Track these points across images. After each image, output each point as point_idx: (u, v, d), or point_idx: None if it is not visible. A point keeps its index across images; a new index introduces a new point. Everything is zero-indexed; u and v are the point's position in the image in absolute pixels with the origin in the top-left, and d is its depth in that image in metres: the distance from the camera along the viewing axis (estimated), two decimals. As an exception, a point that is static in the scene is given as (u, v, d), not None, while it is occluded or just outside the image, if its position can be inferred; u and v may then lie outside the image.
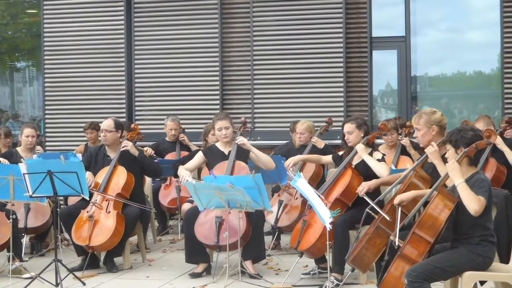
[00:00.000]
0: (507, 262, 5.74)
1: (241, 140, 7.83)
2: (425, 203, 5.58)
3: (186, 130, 10.80)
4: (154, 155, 9.69)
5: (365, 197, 6.67)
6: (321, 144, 9.16)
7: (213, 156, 7.99)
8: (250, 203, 6.94)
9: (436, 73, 12.70)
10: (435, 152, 6.02)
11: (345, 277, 7.02)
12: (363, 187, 6.86)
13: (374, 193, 6.86)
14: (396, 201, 5.79)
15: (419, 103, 12.36)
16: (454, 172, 5.30)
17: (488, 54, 12.21)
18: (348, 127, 7.37)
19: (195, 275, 7.60)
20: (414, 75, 12.24)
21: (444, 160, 5.69)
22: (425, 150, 6.19)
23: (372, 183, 6.91)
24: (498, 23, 11.59)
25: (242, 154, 7.93)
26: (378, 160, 7.14)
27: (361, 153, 7.16)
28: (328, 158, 7.80)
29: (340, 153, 7.66)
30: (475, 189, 5.21)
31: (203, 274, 7.64)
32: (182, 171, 7.73)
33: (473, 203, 5.14)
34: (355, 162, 7.32)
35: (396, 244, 5.39)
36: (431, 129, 6.42)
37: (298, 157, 7.80)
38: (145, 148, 9.25)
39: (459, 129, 5.53)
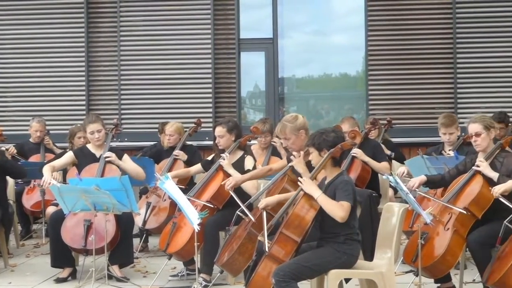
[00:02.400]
0: (371, 259, 5.87)
1: (108, 155, 7.63)
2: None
3: (51, 132, 10.51)
4: (17, 155, 9.37)
5: (234, 197, 6.68)
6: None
7: (84, 158, 7.77)
8: (116, 206, 6.81)
9: (303, 75, 12.86)
10: (299, 162, 6.10)
11: (214, 278, 7.00)
12: (230, 182, 6.84)
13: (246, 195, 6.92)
14: (261, 205, 5.79)
15: (287, 105, 12.51)
16: (309, 188, 5.37)
17: (353, 56, 12.49)
18: (219, 130, 7.36)
19: (60, 280, 7.40)
20: (281, 76, 12.37)
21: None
22: (292, 162, 6.27)
23: (239, 179, 6.91)
24: (362, 26, 11.89)
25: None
26: (249, 170, 7.16)
27: (227, 169, 7.17)
28: (197, 167, 7.75)
29: (210, 157, 7.64)
30: (339, 192, 5.28)
31: (69, 279, 7.45)
32: (45, 174, 7.47)
33: (336, 211, 5.22)
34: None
35: (266, 246, 5.38)
36: (299, 134, 6.49)
37: (173, 173, 7.66)
38: (8, 147, 8.94)
39: (321, 132, 5.56)
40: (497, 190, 5.71)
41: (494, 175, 6.10)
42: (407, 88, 11.81)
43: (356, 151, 7.95)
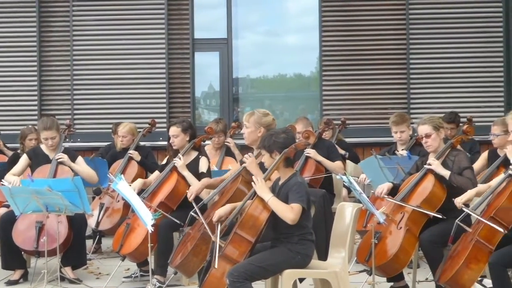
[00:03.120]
0: (325, 259, 5.89)
1: (60, 157, 7.53)
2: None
3: (1, 132, 10.35)
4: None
5: (193, 203, 6.66)
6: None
7: (37, 159, 7.66)
8: (69, 207, 6.73)
9: (257, 75, 12.87)
10: (251, 163, 6.10)
11: (168, 279, 6.97)
12: (191, 193, 6.81)
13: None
14: (214, 218, 5.70)
15: (241, 105, 12.51)
16: (261, 190, 5.38)
17: (307, 57, 12.53)
18: (174, 130, 7.32)
19: (11, 283, 7.30)
20: (236, 77, 12.36)
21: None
22: (245, 164, 6.27)
23: (199, 188, 6.89)
24: (316, 26, 11.93)
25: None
26: (203, 173, 7.13)
27: (181, 170, 7.14)
28: (156, 175, 7.66)
29: (165, 160, 7.59)
30: (292, 194, 5.29)
31: (20, 281, 7.36)
32: (9, 177, 7.37)
33: (287, 213, 5.23)
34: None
35: (216, 263, 5.34)
36: (258, 130, 6.52)
37: (138, 182, 7.59)
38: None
39: (271, 134, 5.56)
40: (460, 200, 5.74)
41: (446, 173, 6.18)
42: (361, 89, 11.88)
43: (310, 151, 7.98)
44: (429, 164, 6.31)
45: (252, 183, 5.48)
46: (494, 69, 11.84)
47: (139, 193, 6.93)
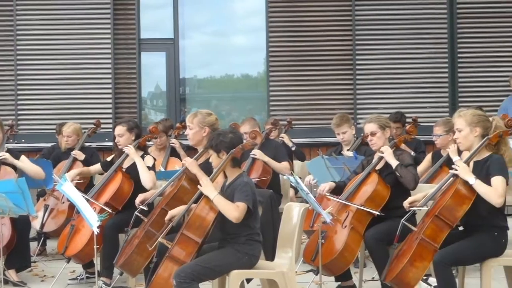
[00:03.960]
0: (272, 259, 5.90)
1: (1, 155, 7.40)
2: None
3: None
4: None
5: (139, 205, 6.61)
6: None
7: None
8: (13, 209, 6.61)
9: (205, 76, 12.85)
10: (192, 165, 6.09)
11: (114, 281, 6.90)
12: (139, 198, 6.75)
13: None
14: (167, 218, 5.68)
15: (188, 105, 12.47)
16: (206, 188, 5.37)
17: (254, 57, 12.56)
18: (119, 129, 7.25)
19: (-47, 287, 7.16)
20: (183, 77, 12.33)
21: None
22: (186, 164, 6.25)
23: (149, 194, 6.83)
24: (263, 27, 11.95)
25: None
26: (149, 167, 7.07)
27: (133, 155, 7.07)
28: (97, 167, 7.61)
29: (110, 157, 7.51)
30: (237, 193, 5.29)
31: (-38, 285, 7.22)
32: None
33: (231, 212, 5.22)
34: (126, 165, 7.21)
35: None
36: (203, 130, 6.54)
37: (74, 171, 7.52)
38: None
39: (218, 133, 5.57)
40: (407, 202, 5.82)
41: (394, 162, 6.29)
42: (308, 89, 11.94)
43: (256, 152, 7.97)
44: (382, 152, 6.39)
45: (199, 186, 5.47)
46: (439, 70, 12.01)
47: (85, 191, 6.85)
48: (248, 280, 6.22)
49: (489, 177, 5.35)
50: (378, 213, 6.16)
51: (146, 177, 6.94)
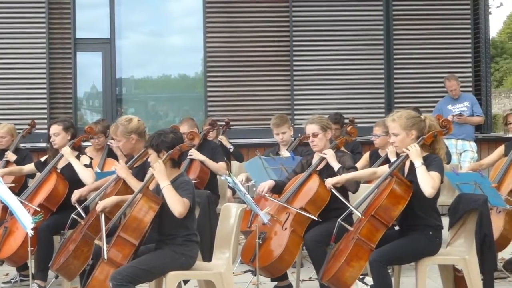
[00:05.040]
0: (209, 260, 5.87)
1: None
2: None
3: None
4: None
5: (76, 205, 6.51)
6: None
7: None
8: None
9: (141, 76, 12.78)
10: (121, 169, 6.04)
11: (49, 284, 6.80)
12: (75, 195, 6.66)
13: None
14: (98, 207, 5.66)
15: (125, 106, 12.37)
16: (160, 175, 5.32)
17: (191, 58, 12.53)
18: (55, 128, 7.14)
19: None
20: (119, 77, 12.24)
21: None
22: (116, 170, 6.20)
23: (84, 190, 6.74)
24: (200, 27, 11.93)
25: None
26: (86, 165, 6.98)
27: (68, 156, 6.96)
28: (30, 167, 7.48)
29: (44, 158, 7.39)
30: (180, 191, 5.26)
31: None
32: None
33: (178, 205, 5.18)
34: (60, 165, 7.10)
35: (105, 252, 5.25)
36: (130, 138, 6.53)
37: (6, 170, 7.41)
38: None
39: (159, 133, 5.54)
40: (330, 181, 5.89)
41: (336, 165, 6.33)
42: (246, 90, 11.96)
43: (192, 152, 7.93)
44: (324, 154, 6.42)
45: (151, 168, 5.43)
46: (375, 71, 12.15)
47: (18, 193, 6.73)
48: (185, 281, 6.18)
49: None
50: (317, 219, 6.17)
51: (85, 175, 6.85)
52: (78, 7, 11.81)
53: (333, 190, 5.83)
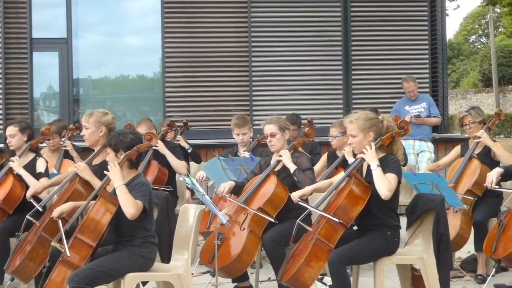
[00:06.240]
0: (168, 261, 5.85)
1: None
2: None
3: None
4: None
5: (31, 201, 6.44)
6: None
7: None
8: None
9: (99, 76, 12.68)
10: (83, 170, 6.00)
11: (4, 286, 6.73)
12: (30, 191, 6.60)
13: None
14: (55, 214, 5.57)
15: (82, 106, 12.27)
16: (114, 176, 5.28)
17: (150, 58, 12.47)
18: (11, 130, 7.09)
19: None
20: (76, 77, 12.13)
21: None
22: (77, 171, 6.15)
23: (40, 187, 6.67)
24: (159, 28, 11.88)
25: None
26: (40, 173, 6.90)
27: (17, 169, 6.87)
28: None
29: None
30: (135, 192, 5.23)
31: None
32: None
33: (131, 207, 5.15)
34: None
35: (67, 252, 5.19)
36: (100, 129, 6.52)
37: None
38: None
39: (119, 133, 5.54)
40: (296, 194, 5.87)
41: (292, 167, 6.35)
42: (204, 91, 11.94)
43: (158, 144, 7.87)
44: (280, 156, 6.42)
45: (105, 171, 5.39)
46: (333, 72, 12.21)
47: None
48: (144, 283, 6.15)
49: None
50: (273, 220, 6.18)
51: (32, 182, 6.77)
52: (34, 6, 11.67)
53: (300, 202, 5.81)
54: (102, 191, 5.43)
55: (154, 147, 7.84)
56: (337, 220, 5.40)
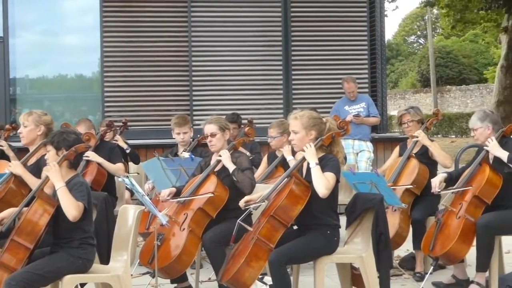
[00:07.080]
0: (107, 263, 5.78)
1: None
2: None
3: None
4: None
5: None
6: None
7: None
8: None
9: (36, 76, 12.52)
10: (16, 166, 5.94)
11: None
12: None
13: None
14: None
15: (19, 106, 12.09)
16: (54, 175, 5.21)
17: (88, 57, 12.35)
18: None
19: None
20: (13, 77, 11.95)
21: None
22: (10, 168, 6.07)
23: None
24: (97, 27, 11.76)
25: None
26: None
27: None
28: None
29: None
30: (74, 192, 5.17)
31: None
32: None
33: (72, 209, 5.09)
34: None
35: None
36: (38, 128, 6.58)
37: None
38: None
39: (62, 131, 5.49)
40: (243, 201, 5.86)
41: (231, 167, 6.35)
42: (144, 90, 11.87)
43: (89, 154, 7.77)
44: (220, 156, 6.44)
45: (45, 168, 5.33)
46: (273, 72, 12.25)
47: None
48: (82, 285, 6.07)
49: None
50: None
51: None
52: (-31, 4, 11.48)
53: (249, 207, 5.80)
54: (39, 192, 5.34)
55: (84, 158, 7.71)
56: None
